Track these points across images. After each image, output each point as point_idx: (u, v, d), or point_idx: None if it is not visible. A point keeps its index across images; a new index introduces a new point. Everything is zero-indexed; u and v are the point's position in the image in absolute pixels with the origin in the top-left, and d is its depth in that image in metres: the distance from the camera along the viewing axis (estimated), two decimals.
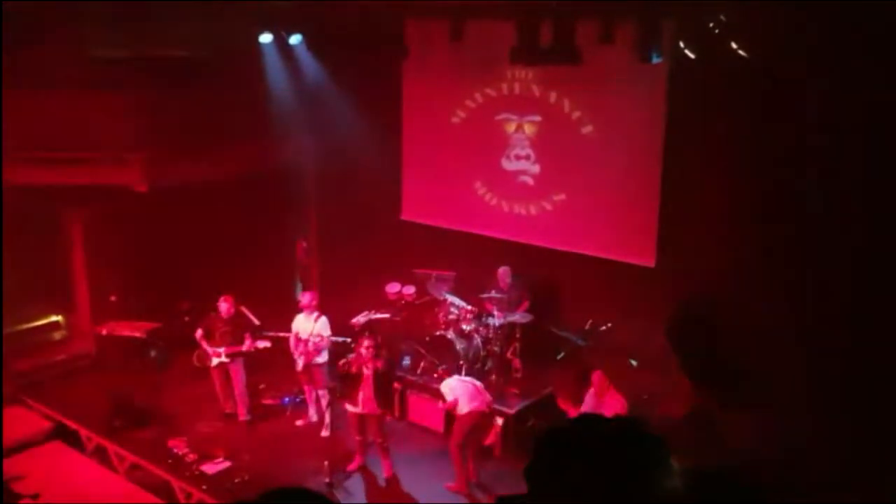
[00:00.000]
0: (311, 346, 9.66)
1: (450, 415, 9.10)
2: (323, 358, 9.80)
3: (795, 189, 8.07)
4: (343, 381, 8.92)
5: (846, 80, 7.32)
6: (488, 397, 8.81)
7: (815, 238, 7.79)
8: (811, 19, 7.27)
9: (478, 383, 8.87)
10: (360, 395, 8.65)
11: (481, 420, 8.71)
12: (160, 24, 9.67)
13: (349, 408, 8.83)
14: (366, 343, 8.69)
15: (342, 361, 8.94)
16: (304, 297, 10.00)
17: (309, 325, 9.72)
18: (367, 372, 8.61)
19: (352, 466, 9.05)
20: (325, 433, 9.76)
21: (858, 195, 7.54)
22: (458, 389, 8.66)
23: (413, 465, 9.18)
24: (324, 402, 9.84)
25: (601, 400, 8.14)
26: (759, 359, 7.95)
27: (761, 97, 8.14)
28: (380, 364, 8.67)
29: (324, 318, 9.78)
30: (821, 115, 7.63)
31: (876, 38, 7.05)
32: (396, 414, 10.12)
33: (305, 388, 10.12)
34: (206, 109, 10.58)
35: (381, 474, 8.96)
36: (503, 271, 10.54)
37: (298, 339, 9.78)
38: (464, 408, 8.55)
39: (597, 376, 8.33)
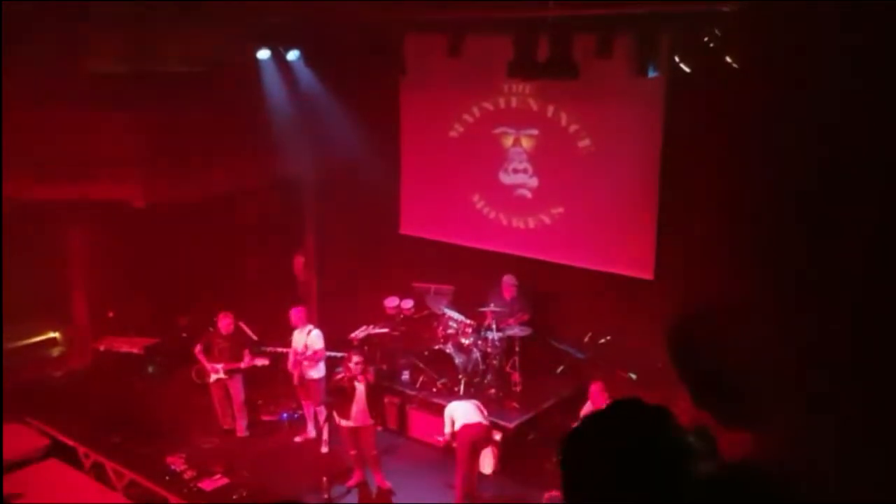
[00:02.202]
0: (303, 361, 9.63)
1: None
2: (319, 373, 9.77)
3: (796, 201, 8.07)
4: (335, 396, 8.94)
5: (846, 90, 7.32)
6: (485, 414, 8.78)
7: (816, 250, 7.78)
8: (809, 32, 7.29)
9: (476, 402, 8.84)
10: (353, 409, 8.68)
11: (480, 434, 8.66)
12: (159, 41, 9.71)
13: (342, 422, 8.83)
14: (355, 359, 8.72)
15: (338, 376, 8.97)
16: (293, 313, 9.87)
17: (301, 339, 9.71)
18: (358, 386, 8.63)
19: (351, 483, 9.01)
20: (323, 449, 9.74)
21: (861, 206, 7.54)
22: (457, 412, 8.65)
23: (412, 479, 9.15)
24: (321, 418, 9.82)
25: None
26: (759, 373, 7.93)
27: (758, 110, 8.15)
28: (370, 378, 8.75)
29: (316, 331, 9.76)
30: (820, 126, 7.63)
31: (877, 44, 7.06)
32: (391, 426, 10.10)
33: (303, 403, 10.08)
34: (205, 125, 10.61)
35: (375, 486, 8.96)
36: (508, 279, 10.51)
37: (297, 354, 9.77)
38: (460, 422, 8.53)
39: (596, 387, 8.28)
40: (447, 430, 8.61)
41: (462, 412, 8.60)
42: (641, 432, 1.61)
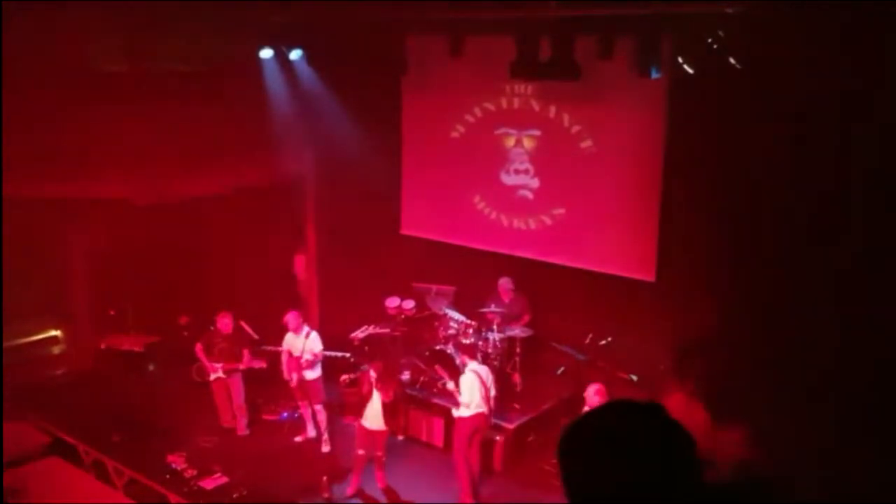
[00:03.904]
0: (303, 363, 9.61)
1: (448, 421, 9.07)
2: (316, 373, 9.76)
3: (797, 202, 8.07)
4: (352, 398, 8.90)
5: (848, 94, 7.32)
6: (492, 403, 8.77)
7: (818, 249, 7.78)
8: (812, 34, 7.29)
9: (489, 383, 8.77)
10: (368, 412, 8.71)
11: (481, 423, 8.65)
12: (161, 39, 9.71)
13: (362, 422, 8.80)
14: (371, 373, 8.77)
15: (344, 377, 8.93)
16: (289, 317, 9.78)
17: (299, 342, 9.69)
18: (376, 394, 8.67)
19: (350, 490, 8.89)
20: (325, 448, 9.74)
21: (860, 210, 7.54)
22: (475, 389, 8.56)
23: (412, 479, 9.15)
24: (321, 417, 9.81)
25: None
26: (756, 375, 7.93)
27: (760, 112, 8.16)
28: (389, 396, 8.71)
29: (314, 334, 9.76)
30: (821, 126, 7.64)
31: (877, 48, 7.06)
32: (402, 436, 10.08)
33: (301, 404, 10.07)
34: (207, 124, 10.60)
35: (376, 486, 8.93)
36: (504, 282, 10.52)
37: (291, 357, 9.75)
38: (467, 410, 8.51)
39: (591, 390, 8.24)
40: (464, 393, 8.57)
41: (476, 396, 8.51)
42: (634, 422, 1.63)
